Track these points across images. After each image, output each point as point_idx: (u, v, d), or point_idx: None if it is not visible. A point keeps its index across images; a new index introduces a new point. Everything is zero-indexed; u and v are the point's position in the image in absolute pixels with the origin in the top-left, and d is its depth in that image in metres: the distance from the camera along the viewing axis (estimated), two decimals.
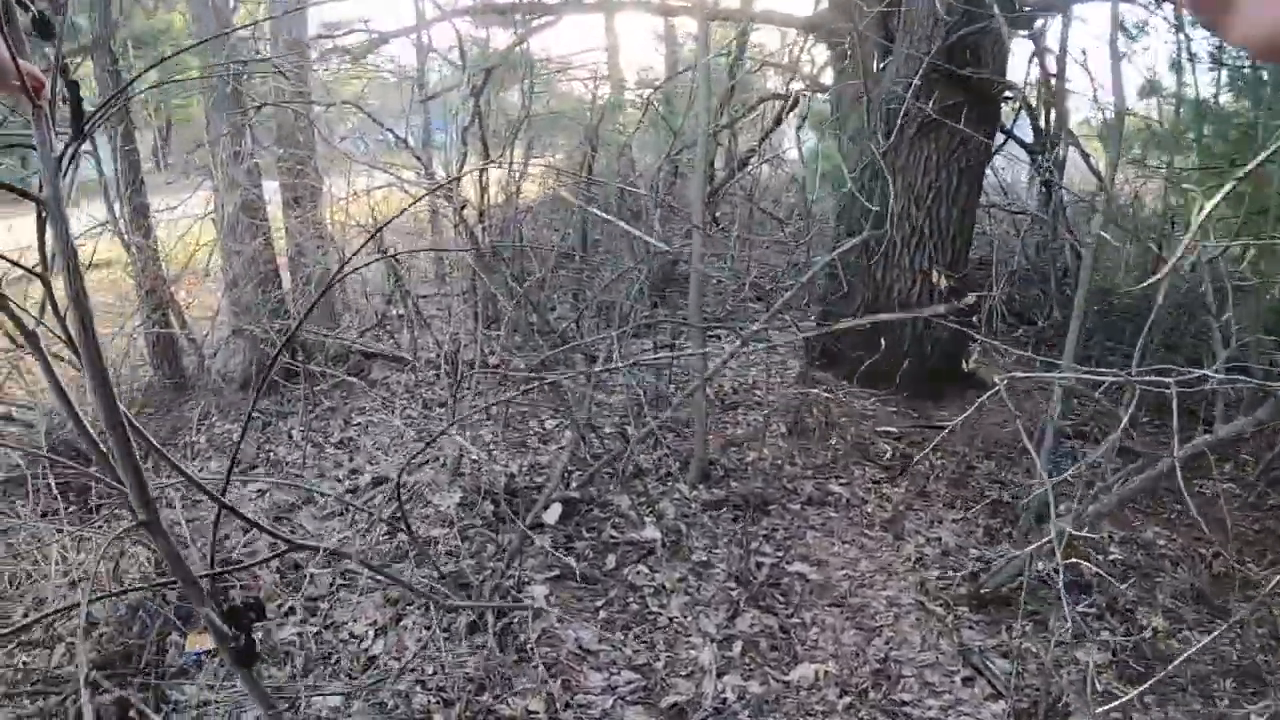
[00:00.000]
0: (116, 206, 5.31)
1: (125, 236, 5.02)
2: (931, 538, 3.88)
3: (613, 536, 3.67)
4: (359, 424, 5.17)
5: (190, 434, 5.02)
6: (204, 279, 5.90)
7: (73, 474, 3.68)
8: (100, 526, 3.69)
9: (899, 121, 4.82)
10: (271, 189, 5.84)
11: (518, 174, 6.10)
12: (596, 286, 5.99)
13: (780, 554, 3.63)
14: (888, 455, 4.58)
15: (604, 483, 4.04)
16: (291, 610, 3.26)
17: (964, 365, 5.65)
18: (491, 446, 4.62)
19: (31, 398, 4.58)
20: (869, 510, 4.08)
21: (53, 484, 3.63)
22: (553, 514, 3.72)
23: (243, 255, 5.51)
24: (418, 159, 4.30)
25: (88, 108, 0.98)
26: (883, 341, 4.84)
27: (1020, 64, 5.91)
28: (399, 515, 3.86)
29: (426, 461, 4.38)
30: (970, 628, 3.22)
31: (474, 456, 4.41)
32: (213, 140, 5.14)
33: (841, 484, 4.28)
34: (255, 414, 5.31)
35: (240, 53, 5.23)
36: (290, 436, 5.05)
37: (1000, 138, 6.01)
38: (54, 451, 4.04)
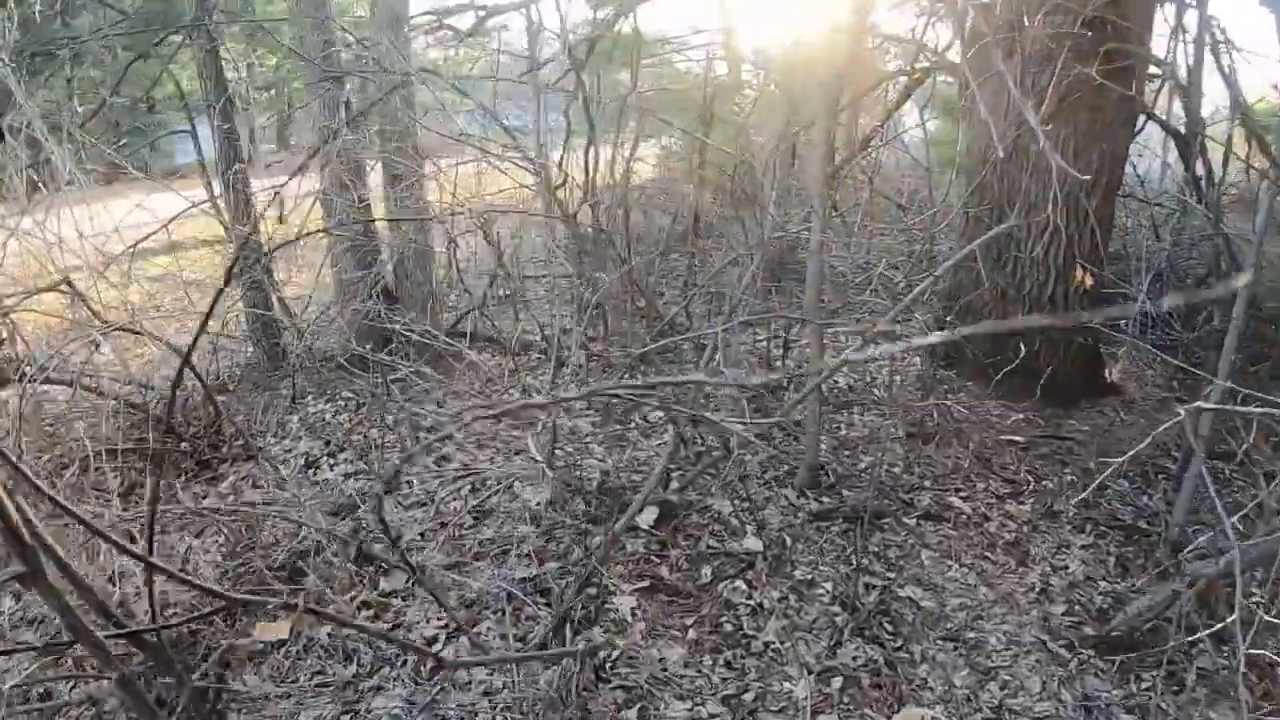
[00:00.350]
0: (216, 185, 5.32)
1: (223, 216, 4.98)
2: (1058, 565, 3.45)
3: (711, 546, 3.36)
4: (453, 409, 5.01)
5: (277, 414, 4.97)
6: (302, 256, 5.83)
7: None
8: None
9: (1041, 98, 4.29)
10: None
11: (626, 153, 5.85)
12: (706, 273, 5.66)
13: (892, 575, 3.26)
14: (1013, 468, 4.12)
15: (706, 485, 3.73)
16: (366, 605, 3.09)
17: (1106, 375, 5.09)
18: (589, 439, 4.38)
19: None
20: (991, 529, 3.66)
21: None
22: (647, 517, 3.44)
23: (343, 235, 5.43)
24: (511, 136, 4.07)
25: None
26: (1018, 344, 4.36)
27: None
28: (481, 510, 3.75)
29: (518, 452, 4.17)
30: (1096, 675, 2.82)
31: (568, 449, 4.19)
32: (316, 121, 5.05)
33: (962, 497, 3.86)
34: (349, 394, 5.23)
35: (337, 32, 5.11)
36: (383, 418, 4.93)
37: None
38: None
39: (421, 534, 3.61)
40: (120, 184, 6.26)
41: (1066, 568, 3.44)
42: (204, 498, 4.07)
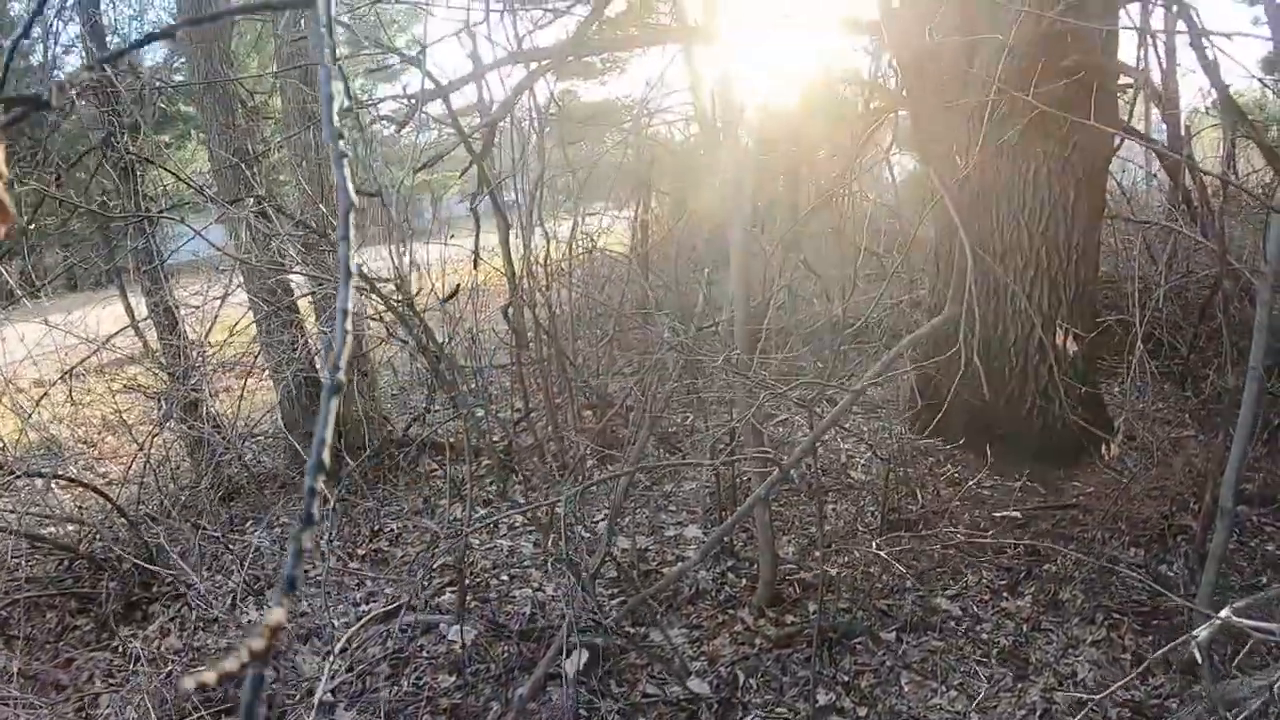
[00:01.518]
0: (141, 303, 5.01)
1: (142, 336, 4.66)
2: (1064, 672, 2.95)
3: (648, 694, 2.88)
4: (392, 530, 4.59)
5: (213, 544, 4.58)
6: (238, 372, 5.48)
7: None
8: None
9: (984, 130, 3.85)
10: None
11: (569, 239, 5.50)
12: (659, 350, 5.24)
13: (864, 712, 2.76)
14: (1010, 551, 3.61)
15: (651, 613, 3.26)
16: None
17: (1111, 421, 4.59)
18: (529, 562, 3.93)
19: None
20: (984, 633, 3.16)
21: None
22: (574, 662, 2.97)
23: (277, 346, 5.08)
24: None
25: None
26: (1009, 400, 3.89)
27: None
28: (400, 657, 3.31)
29: (450, 582, 3.72)
30: None
31: (503, 577, 3.76)
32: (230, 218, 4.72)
33: (950, 596, 3.36)
34: (284, 519, 4.82)
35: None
36: (318, 545, 4.51)
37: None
38: None
39: (334, 691, 3.18)
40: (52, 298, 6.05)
41: (1074, 674, 2.94)
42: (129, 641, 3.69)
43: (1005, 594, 3.37)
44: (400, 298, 3.12)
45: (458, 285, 4.11)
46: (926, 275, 5.44)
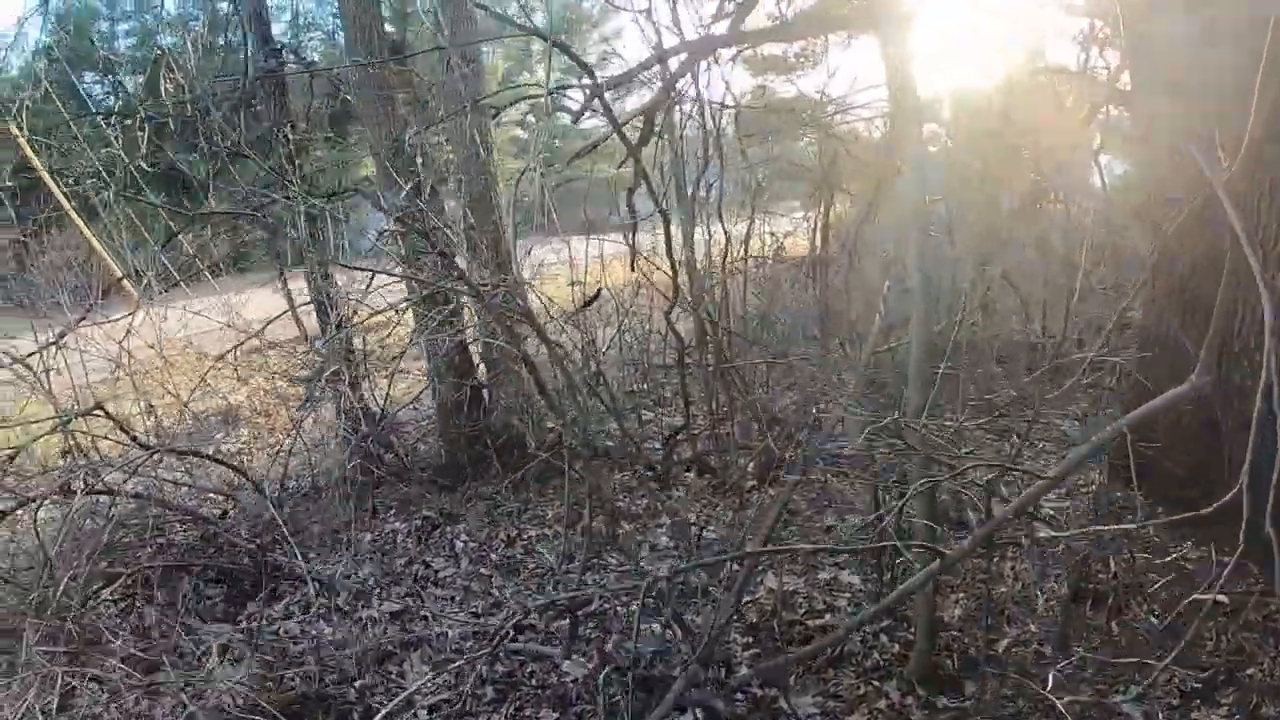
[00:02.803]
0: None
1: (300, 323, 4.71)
2: None
3: None
4: (530, 539, 4.41)
5: (351, 530, 4.56)
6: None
7: None
8: None
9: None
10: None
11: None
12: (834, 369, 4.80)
13: None
14: (1209, 645, 2.94)
15: (787, 673, 2.88)
16: None
17: None
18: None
19: None
20: None
21: None
22: None
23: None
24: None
25: None
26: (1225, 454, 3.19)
27: None
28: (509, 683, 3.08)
29: (570, 609, 3.44)
30: None
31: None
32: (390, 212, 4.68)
33: (1129, 701, 2.73)
34: (426, 513, 4.74)
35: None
36: (453, 546, 4.40)
37: None
38: None
39: (431, 708, 3.01)
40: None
41: None
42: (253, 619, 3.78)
43: (1198, 701, 2.73)
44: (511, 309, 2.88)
45: (598, 290, 3.85)
46: (1140, 295, 4.69)
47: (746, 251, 5.26)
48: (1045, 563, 3.42)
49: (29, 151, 4.17)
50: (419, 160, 4.30)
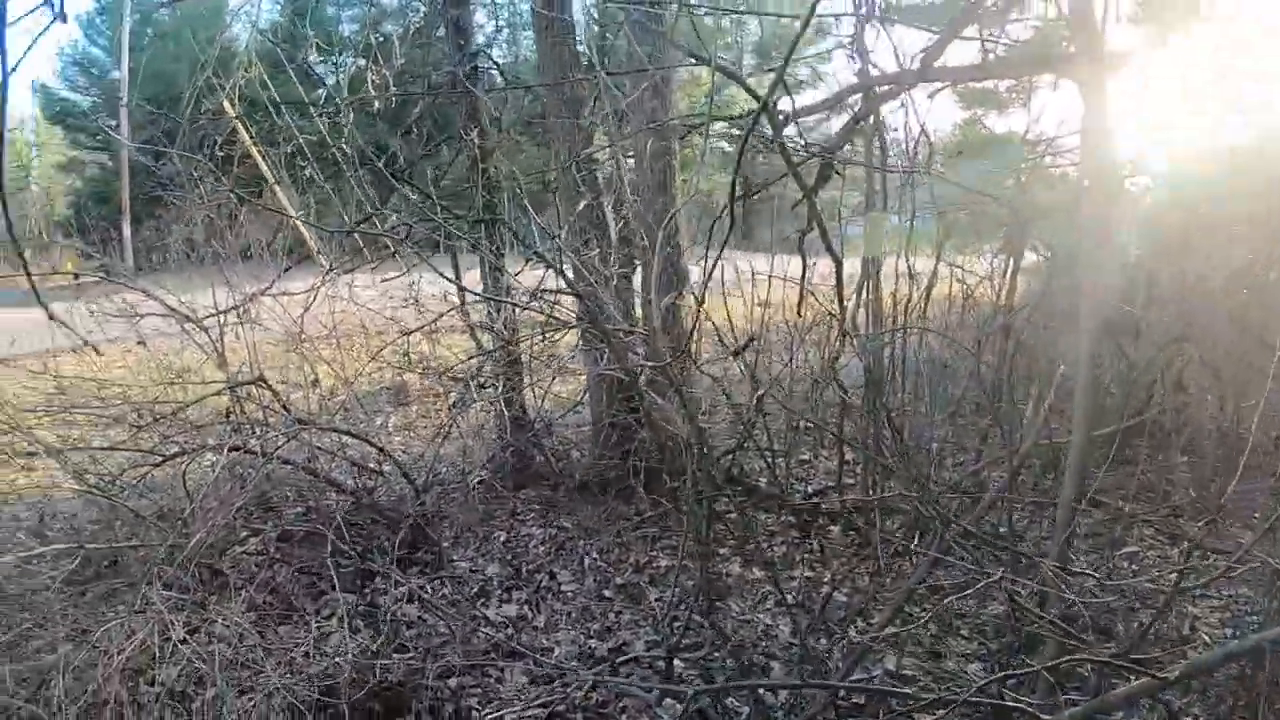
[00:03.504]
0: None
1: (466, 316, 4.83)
2: None
3: None
4: (659, 568, 4.31)
5: (490, 527, 4.62)
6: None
7: None
8: None
9: None
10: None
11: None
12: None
13: None
14: None
15: None
16: None
17: None
18: (779, 653, 3.43)
19: None
20: None
21: None
22: None
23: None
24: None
25: None
26: None
27: None
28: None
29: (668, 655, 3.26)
30: None
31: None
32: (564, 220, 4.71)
33: None
34: (564, 524, 4.75)
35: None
36: (583, 561, 4.37)
37: None
38: None
39: None
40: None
41: None
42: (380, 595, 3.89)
43: None
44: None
45: (750, 339, 3.69)
46: None
47: (928, 300, 4.91)
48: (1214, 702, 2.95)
49: (240, 127, 4.46)
50: (598, 177, 4.32)
